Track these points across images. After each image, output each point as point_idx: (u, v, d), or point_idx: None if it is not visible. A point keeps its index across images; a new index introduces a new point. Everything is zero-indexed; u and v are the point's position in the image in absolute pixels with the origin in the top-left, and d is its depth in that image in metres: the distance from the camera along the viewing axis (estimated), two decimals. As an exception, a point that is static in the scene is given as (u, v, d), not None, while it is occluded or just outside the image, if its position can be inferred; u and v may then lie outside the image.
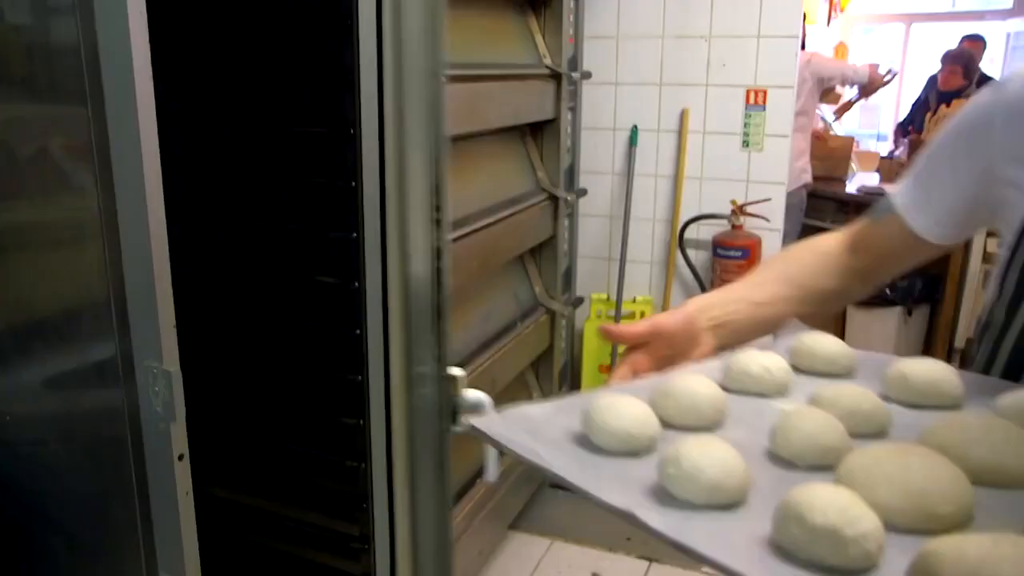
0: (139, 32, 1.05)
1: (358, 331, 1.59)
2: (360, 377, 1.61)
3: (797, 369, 0.82)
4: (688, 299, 0.95)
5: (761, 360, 0.78)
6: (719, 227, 3.01)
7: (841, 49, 8.36)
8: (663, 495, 0.58)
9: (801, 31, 2.98)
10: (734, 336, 0.94)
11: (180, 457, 1.16)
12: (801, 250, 1.09)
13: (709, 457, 0.57)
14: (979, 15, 7.60)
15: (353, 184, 1.54)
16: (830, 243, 1.04)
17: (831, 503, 0.50)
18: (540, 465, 0.61)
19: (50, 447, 1.35)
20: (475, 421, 0.63)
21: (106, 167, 1.10)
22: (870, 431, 0.68)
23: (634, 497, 0.57)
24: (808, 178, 4.12)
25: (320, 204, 1.63)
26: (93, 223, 1.14)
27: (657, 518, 0.54)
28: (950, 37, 6.13)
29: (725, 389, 0.75)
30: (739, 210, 2.92)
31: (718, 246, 2.97)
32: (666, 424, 0.68)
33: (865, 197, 4.65)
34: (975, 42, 5.61)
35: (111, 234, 1.12)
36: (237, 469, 1.87)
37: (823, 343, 0.84)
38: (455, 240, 1.91)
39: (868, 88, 4.66)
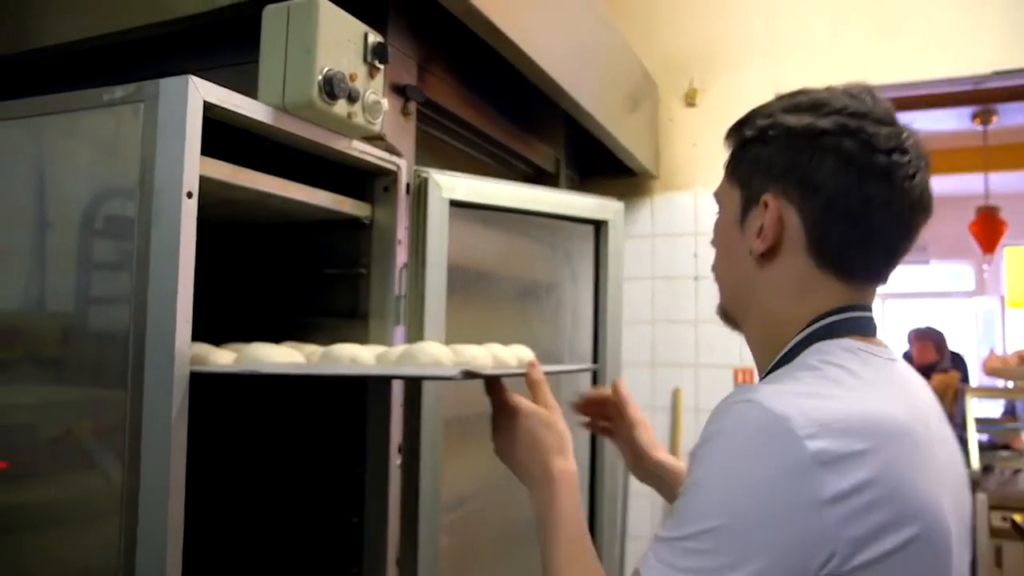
0: (183, 321, 1.15)
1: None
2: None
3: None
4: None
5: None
6: (719, 503, 2.99)
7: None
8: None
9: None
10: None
11: None
12: None
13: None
14: (945, 294, 8.15)
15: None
16: None
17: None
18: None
19: None
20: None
21: (135, 448, 1.14)
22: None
23: None
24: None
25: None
26: (111, 502, 1.16)
27: None
28: (921, 313, 6.55)
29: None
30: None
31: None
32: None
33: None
34: (924, 339, 5.60)
35: (129, 514, 1.13)
36: None
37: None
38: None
39: None
